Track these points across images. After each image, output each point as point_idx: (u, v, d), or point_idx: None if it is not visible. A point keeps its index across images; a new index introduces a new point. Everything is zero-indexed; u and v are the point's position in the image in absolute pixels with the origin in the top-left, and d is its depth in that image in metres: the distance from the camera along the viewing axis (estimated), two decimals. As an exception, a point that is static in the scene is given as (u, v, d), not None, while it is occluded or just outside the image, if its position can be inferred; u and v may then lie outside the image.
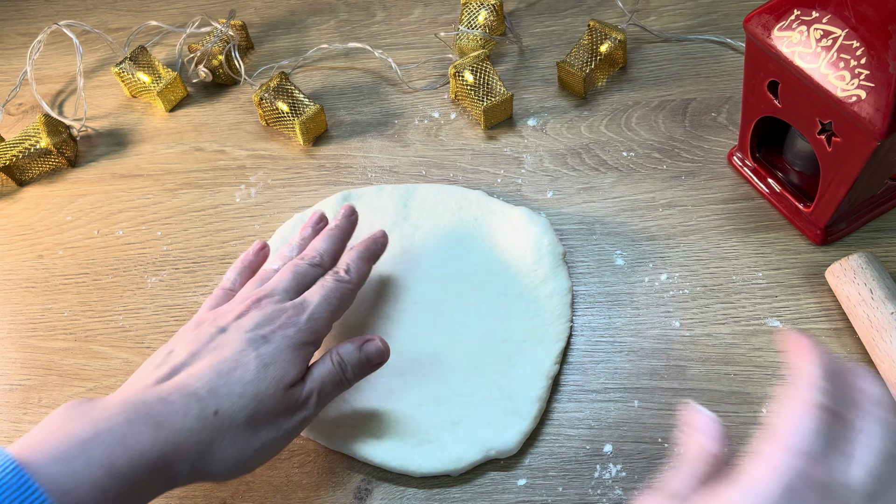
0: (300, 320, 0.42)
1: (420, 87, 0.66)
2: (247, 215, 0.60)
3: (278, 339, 0.41)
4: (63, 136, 0.64)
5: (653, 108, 0.62)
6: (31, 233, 0.61)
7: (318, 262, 0.47)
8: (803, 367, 0.34)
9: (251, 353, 0.40)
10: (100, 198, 0.63)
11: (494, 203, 0.56)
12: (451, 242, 0.54)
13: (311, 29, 0.72)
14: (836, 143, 0.45)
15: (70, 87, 0.71)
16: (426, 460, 0.46)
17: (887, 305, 0.45)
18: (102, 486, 0.33)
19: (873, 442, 0.31)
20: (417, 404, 0.48)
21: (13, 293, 0.58)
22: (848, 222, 0.52)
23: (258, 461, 0.40)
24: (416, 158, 0.62)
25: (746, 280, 0.52)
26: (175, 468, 0.37)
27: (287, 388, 0.40)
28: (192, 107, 0.68)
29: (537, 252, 0.52)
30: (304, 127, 0.62)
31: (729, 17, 0.67)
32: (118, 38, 0.74)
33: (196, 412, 0.38)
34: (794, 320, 0.50)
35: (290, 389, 0.41)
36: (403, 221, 0.56)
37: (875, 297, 0.46)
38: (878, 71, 0.40)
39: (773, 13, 0.45)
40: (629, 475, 0.46)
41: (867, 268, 0.47)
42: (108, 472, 0.34)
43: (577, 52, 0.63)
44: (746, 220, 0.55)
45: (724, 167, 0.58)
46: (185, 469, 0.37)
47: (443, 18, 0.71)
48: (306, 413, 0.41)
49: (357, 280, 0.46)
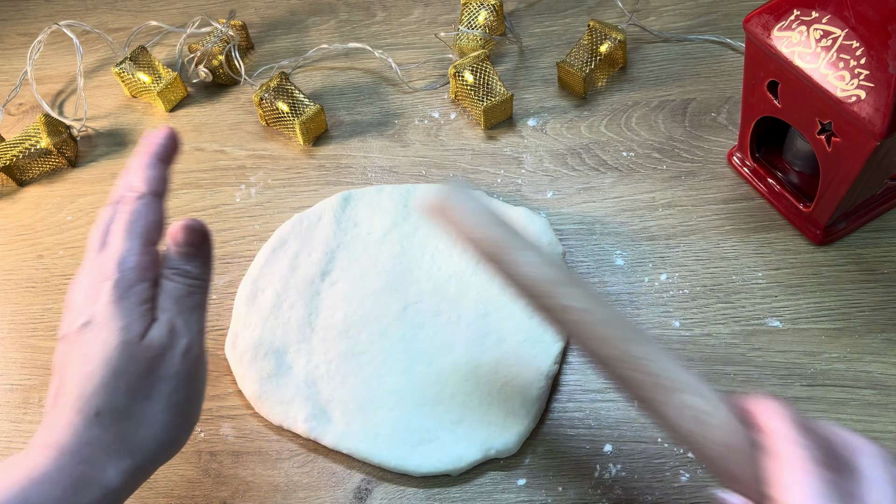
0: (110, 271, 0.36)
1: (420, 87, 0.66)
2: (247, 215, 0.60)
3: (100, 305, 0.36)
4: (63, 136, 0.64)
5: (653, 108, 0.62)
6: (32, 233, 0.61)
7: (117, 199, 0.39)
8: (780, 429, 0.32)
9: (83, 336, 0.36)
10: (100, 198, 0.63)
11: (493, 203, 0.56)
12: (450, 243, 0.54)
13: (311, 29, 0.72)
14: (835, 143, 0.45)
15: (70, 87, 0.71)
16: (426, 460, 0.46)
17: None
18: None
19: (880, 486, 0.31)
20: (417, 404, 0.48)
21: (13, 293, 0.58)
22: (848, 222, 0.52)
23: (182, 418, 0.37)
24: (416, 158, 0.62)
25: (746, 280, 0.52)
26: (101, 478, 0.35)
27: (139, 342, 0.36)
28: (192, 107, 0.68)
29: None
30: (304, 127, 0.62)
31: (729, 17, 0.67)
32: (118, 38, 0.74)
33: (81, 424, 0.35)
34: (793, 320, 0.50)
35: (144, 341, 0.36)
36: (403, 221, 0.56)
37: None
38: (878, 71, 0.40)
39: (773, 13, 0.45)
40: (629, 475, 0.46)
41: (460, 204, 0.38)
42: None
43: (577, 52, 0.63)
44: (746, 220, 0.55)
45: (724, 167, 0.58)
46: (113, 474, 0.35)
47: (443, 18, 0.71)
48: (182, 345, 0.37)
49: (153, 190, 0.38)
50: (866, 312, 0.50)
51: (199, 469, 0.49)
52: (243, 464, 0.48)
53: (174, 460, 0.48)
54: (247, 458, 0.49)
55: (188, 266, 0.38)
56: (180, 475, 0.48)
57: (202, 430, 0.50)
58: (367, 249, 0.55)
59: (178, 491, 0.48)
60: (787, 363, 0.48)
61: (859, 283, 0.51)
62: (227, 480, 0.48)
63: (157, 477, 0.48)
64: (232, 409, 0.51)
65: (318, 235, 0.55)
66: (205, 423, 0.50)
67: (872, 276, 0.51)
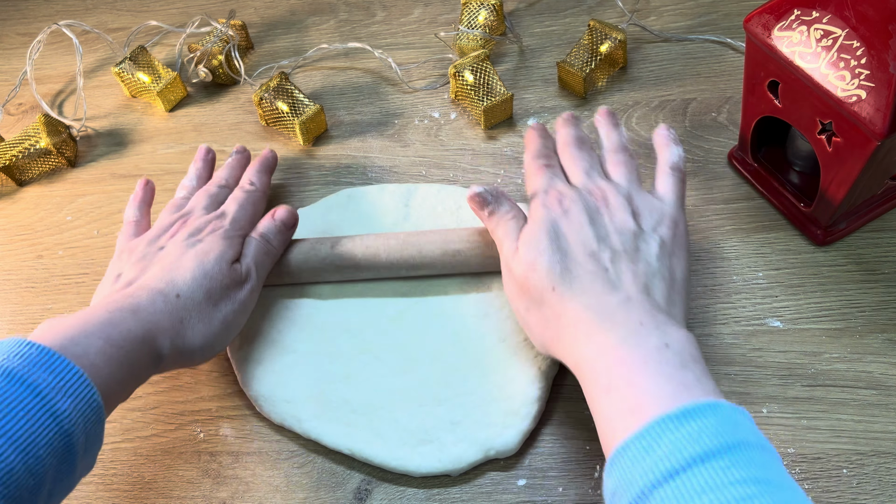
0: (224, 223, 0.50)
1: (420, 87, 0.66)
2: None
3: (210, 237, 0.48)
4: (63, 136, 0.64)
5: (653, 108, 0.62)
6: (31, 233, 0.61)
7: (225, 184, 0.55)
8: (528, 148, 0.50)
9: (190, 251, 0.47)
10: (100, 198, 0.63)
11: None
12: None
13: (311, 29, 0.72)
14: (836, 143, 0.45)
15: (70, 87, 0.71)
16: (426, 460, 0.46)
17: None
18: (104, 352, 0.40)
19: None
20: (417, 404, 0.48)
21: (13, 293, 0.58)
22: (848, 222, 0.52)
23: (225, 334, 0.47)
24: (416, 158, 0.62)
25: (747, 280, 0.52)
26: (158, 343, 0.43)
27: (230, 265, 0.47)
28: (192, 107, 0.68)
29: None
30: (304, 127, 0.62)
31: (729, 17, 0.67)
32: (118, 38, 0.74)
33: (161, 299, 0.44)
34: (794, 320, 0.50)
35: (233, 266, 0.48)
36: (404, 221, 0.56)
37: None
38: (879, 71, 0.40)
39: (774, 13, 0.45)
40: (629, 475, 0.46)
41: None
42: (107, 341, 0.40)
43: (577, 52, 0.63)
44: (747, 220, 0.55)
45: (724, 167, 0.58)
46: (166, 345, 0.43)
47: (443, 18, 0.71)
48: (251, 283, 0.48)
49: (262, 188, 0.55)
50: (867, 312, 0.50)
51: (198, 469, 0.48)
52: (243, 464, 0.48)
53: (174, 460, 0.49)
54: (247, 458, 0.49)
55: (273, 238, 0.51)
56: (180, 475, 0.48)
57: (202, 430, 0.50)
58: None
59: (178, 491, 0.48)
60: (788, 363, 0.48)
61: (860, 283, 0.51)
62: (226, 480, 0.48)
63: (157, 477, 0.48)
64: (232, 409, 0.51)
65: (319, 233, 0.55)
66: (205, 424, 0.50)
67: (873, 276, 0.51)
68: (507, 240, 0.46)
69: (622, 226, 0.44)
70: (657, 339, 0.38)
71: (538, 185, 0.47)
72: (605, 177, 0.47)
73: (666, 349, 0.37)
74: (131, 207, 0.54)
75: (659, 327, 0.39)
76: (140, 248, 0.49)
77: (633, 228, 0.44)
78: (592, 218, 0.44)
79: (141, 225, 0.53)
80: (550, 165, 0.48)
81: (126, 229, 0.53)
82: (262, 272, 0.50)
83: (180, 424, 0.50)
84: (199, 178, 0.56)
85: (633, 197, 0.46)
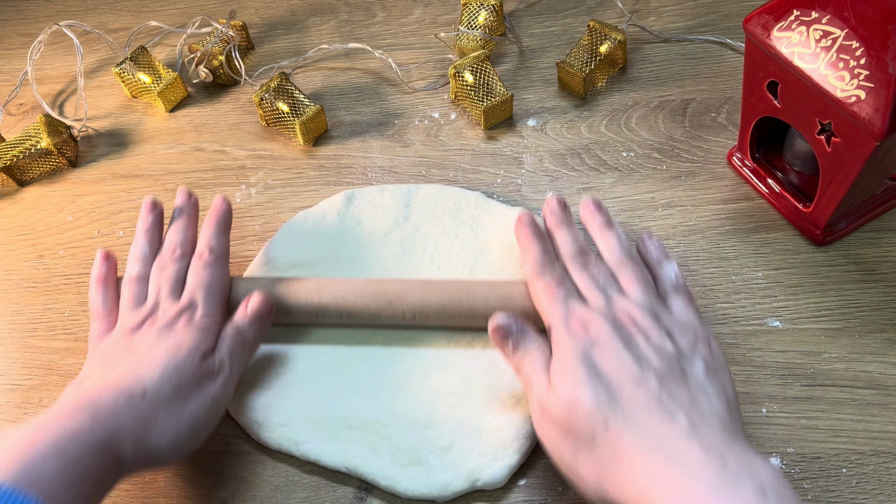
0: (196, 314, 0.47)
1: (420, 87, 0.66)
2: (247, 215, 0.60)
3: (180, 331, 0.46)
4: (63, 136, 0.64)
5: (653, 109, 0.62)
6: (32, 233, 0.61)
7: (181, 255, 0.51)
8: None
9: (162, 342, 0.45)
10: (100, 198, 0.63)
11: (493, 204, 0.56)
12: (449, 247, 0.54)
13: (312, 29, 0.72)
14: (835, 144, 0.45)
15: (70, 87, 0.71)
16: (413, 483, 0.45)
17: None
18: (60, 475, 0.36)
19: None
20: (410, 423, 0.47)
21: (14, 293, 0.58)
22: (848, 222, 0.52)
23: (195, 434, 0.43)
24: (416, 158, 0.62)
25: (746, 280, 0.52)
26: (119, 448, 0.40)
27: (202, 359, 0.45)
28: (192, 107, 0.68)
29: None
30: (305, 127, 0.62)
31: (729, 17, 0.67)
32: (118, 38, 0.74)
33: (125, 398, 0.41)
34: (793, 320, 0.50)
35: (205, 359, 0.45)
36: (405, 221, 0.56)
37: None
38: (878, 71, 0.40)
39: (773, 13, 0.45)
40: (629, 475, 0.46)
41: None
42: (62, 458, 0.37)
43: (577, 53, 0.63)
44: (746, 220, 0.55)
45: (724, 167, 0.58)
46: (128, 450, 0.40)
47: (443, 19, 0.71)
48: (224, 376, 0.45)
49: (222, 254, 0.51)
50: (866, 312, 0.50)
51: (199, 469, 0.49)
52: (243, 464, 0.48)
53: (174, 460, 0.49)
54: (247, 458, 0.49)
55: (247, 330, 0.48)
56: (180, 475, 0.48)
57: (202, 430, 0.50)
58: (370, 249, 0.55)
59: (178, 491, 0.48)
60: (787, 363, 0.48)
61: (859, 283, 0.51)
62: (227, 480, 0.48)
63: (158, 476, 0.48)
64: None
65: (321, 234, 0.56)
66: (205, 423, 0.50)
67: (872, 276, 0.51)
68: (535, 376, 0.41)
69: (660, 347, 0.40)
70: (751, 484, 0.33)
71: (554, 312, 0.43)
72: (621, 291, 0.44)
73: (764, 499, 0.33)
74: (97, 293, 0.50)
75: (743, 463, 0.34)
76: (111, 349, 0.46)
77: (673, 350, 0.40)
78: (627, 343, 0.40)
79: (112, 318, 0.49)
80: (560, 283, 0.45)
81: (97, 326, 0.49)
82: (236, 365, 0.46)
83: (181, 424, 0.50)
84: (152, 245, 0.52)
85: (660, 315, 0.42)
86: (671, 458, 0.35)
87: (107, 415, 0.40)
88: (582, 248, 0.47)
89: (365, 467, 0.46)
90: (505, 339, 0.44)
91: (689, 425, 0.36)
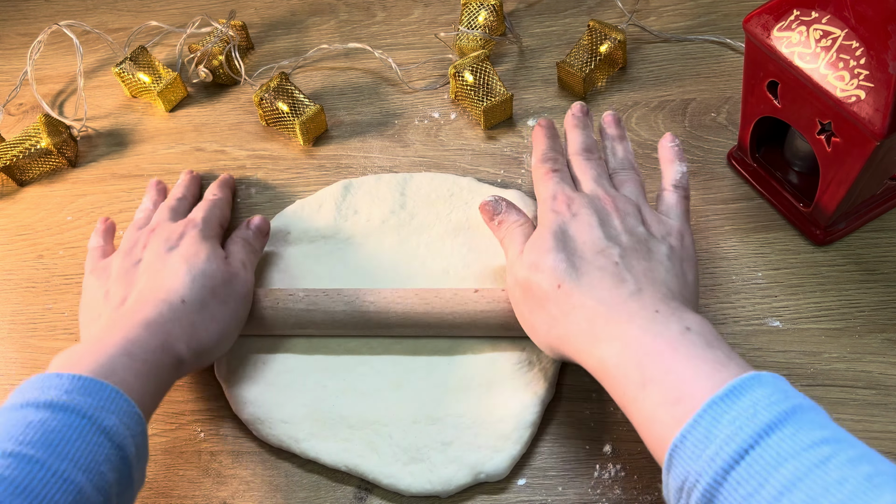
0: (197, 225, 0.50)
1: (420, 87, 0.66)
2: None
3: (187, 239, 0.49)
4: (63, 136, 0.64)
5: (653, 109, 0.62)
6: (32, 233, 0.61)
7: (182, 196, 0.56)
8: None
9: (173, 255, 0.48)
10: (100, 198, 0.63)
11: (485, 188, 0.57)
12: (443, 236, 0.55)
13: (311, 29, 0.72)
14: (835, 144, 0.45)
15: (70, 87, 0.71)
16: (416, 480, 0.45)
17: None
18: (130, 368, 0.40)
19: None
20: (411, 421, 0.47)
21: (13, 293, 0.58)
22: (848, 222, 0.52)
23: (236, 326, 0.47)
24: (416, 158, 0.62)
25: (746, 280, 0.52)
26: (175, 349, 0.43)
27: (223, 260, 0.48)
28: (192, 107, 0.68)
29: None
30: (304, 127, 0.62)
31: (729, 17, 0.67)
32: (118, 38, 0.74)
33: (167, 308, 0.44)
34: (793, 320, 0.50)
35: (226, 260, 0.49)
36: (401, 209, 0.56)
37: None
38: (878, 71, 0.40)
39: (773, 13, 0.45)
40: (629, 475, 0.46)
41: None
42: (130, 357, 0.41)
43: (577, 53, 0.63)
44: (746, 220, 0.55)
45: (724, 167, 0.58)
46: (183, 349, 0.44)
47: (443, 18, 0.71)
48: (245, 276, 0.49)
49: (225, 198, 0.56)
50: (866, 312, 0.50)
51: (199, 469, 0.49)
52: (243, 464, 0.48)
53: (174, 460, 0.49)
54: (247, 458, 0.49)
55: (253, 240, 0.52)
56: (181, 475, 0.48)
57: (202, 429, 0.50)
58: (367, 238, 0.55)
59: (179, 491, 0.48)
60: (787, 363, 0.48)
61: (859, 283, 0.51)
62: (227, 480, 0.48)
63: (158, 477, 0.48)
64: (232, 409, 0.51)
65: (318, 223, 0.56)
66: (205, 423, 0.50)
67: (872, 276, 0.51)
68: (512, 246, 0.46)
69: (632, 229, 0.44)
70: (677, 323, 0.38)
71: (546, 190, 0.47)
72: (614, 187, 0.48)
73: (689, 332, 0.37)
74: (95, 236, 0.55)
75: (674, 313, 0.38)
76: (116, 264, 0.49)
77: (643, 232, 0.44)
78: (602, 220, 0.44)
79: (106, 251, 0.53)
80: (558, 170, 0.48)
81: (92, 255, 0.53)
82: (250, 267, 0.50)
83: (181, 424, 0.50)
84: (156, 203, 0.57)
85: (642, 208, 0.46)
86: (612, 312, 0.39)
87: (156, 324, 0.43)
88: (588, 146, 0.50)
89: (366, 466, 0.46)
90: (491, 217, 0.48)
91: (635, 288, 0.40)
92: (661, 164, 0.49)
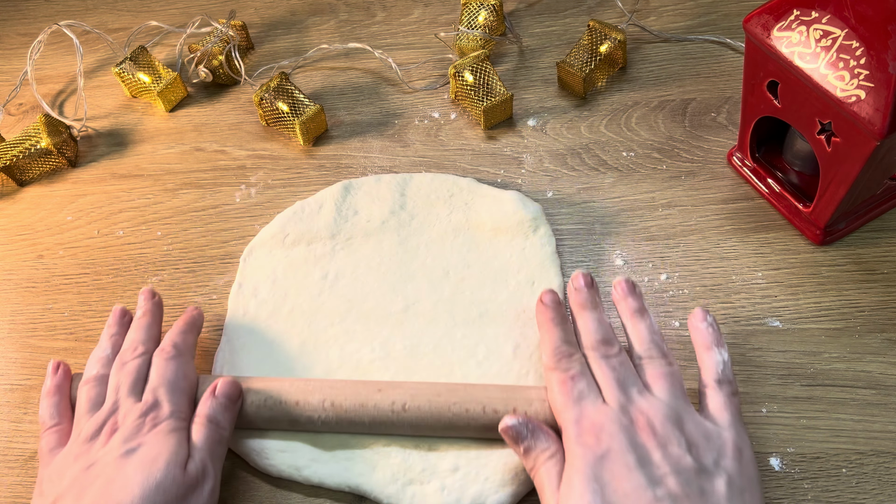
0: (162, 414, 0.43)
1: (420, 87, 0.66)
2: (247, 215, 0.60)
3: (151, 437, 0.42)
4: (63, 136, 0.64)
5: (653, 108, 0.62)
6: (32, 233, 0.61)
7: (142, 352, 0.47)
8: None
9: (132, 460, 0.41)
10: (100, 198, 0.63)
11: (484, 188, 0.57)
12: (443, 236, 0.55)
13: (311, 29, 0.72)
14: (835, 143, 0.45)
15: (70, 87, 0.71)
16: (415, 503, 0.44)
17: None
18: None
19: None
20: (414, 444, 0.46)
21: (13, 293, 0.58)
22: (848, 222, 0.52)
23: None
24: (416, 158, 0.62)
25: (746, 280, 0.52)
26: None
27: (183, 469, 0.41)
28: (192, 107, 0.68)
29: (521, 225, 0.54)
30: (304, 127, 0.62)
31: (729, 17, 0.67)
32: (118, 38, 0.74)
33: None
34: (793, 320, 0.50)
35: (186, 468, 0.41)
36: (401, 210, 0.57)
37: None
38: (878, 71, 0.40)
39: (773, 13, 0.45)
40: (629, 475, 0.45)
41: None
42: None
43: (577, 53, 0.63)
44: (746, 220, 0.55)
45: (724, 167, 0.58)
46: None
47: (443, 18, 0.71)
48: (210, 483, 0.42)
49: (186, 350, 0.47)
50: (866, 312, 0.50)
51: None
52: (243, 464, 0.48)
53: (174, 460, 0.48)
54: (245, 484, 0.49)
55: (221, 418, 0.44)
56: None
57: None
58: (368, 238, 0.55)
59: (178, 491, 0.48)
60: (787, 363, 0.48)
61: (859, 283, 0.51)
62: (227, 480, 0.48)
63: (158, 477, 0.48)
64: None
65: (318, 224, 0.56)
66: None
67: (872, 276, 0.51)
68: (547, 484, 0.40)
69: (678, 464, 0.37)
70: None
71: (566, 414, 0.40)
72: (644, 388, 0.41)
73: None
74: (46, 404, 0.47)
75: None
76: (68, 467, 0.42)
77: (693, 465, 0.37)
78: (641, 458, 0.37)
79: (62, 430, 0.45)
80: (575, 378, 0.42)
81: (46, 440, 0.45)
82: (217, 464, 0.43)
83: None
84: (115, 349, 0.49)
85: (684, 421, 0.39)
86: None
87: None
88: (606, 337, 0.43)
89: (367, 485, 0.45)
90: (516, 442, 0.42)
91: None
92: (697, 350, 0.43)
